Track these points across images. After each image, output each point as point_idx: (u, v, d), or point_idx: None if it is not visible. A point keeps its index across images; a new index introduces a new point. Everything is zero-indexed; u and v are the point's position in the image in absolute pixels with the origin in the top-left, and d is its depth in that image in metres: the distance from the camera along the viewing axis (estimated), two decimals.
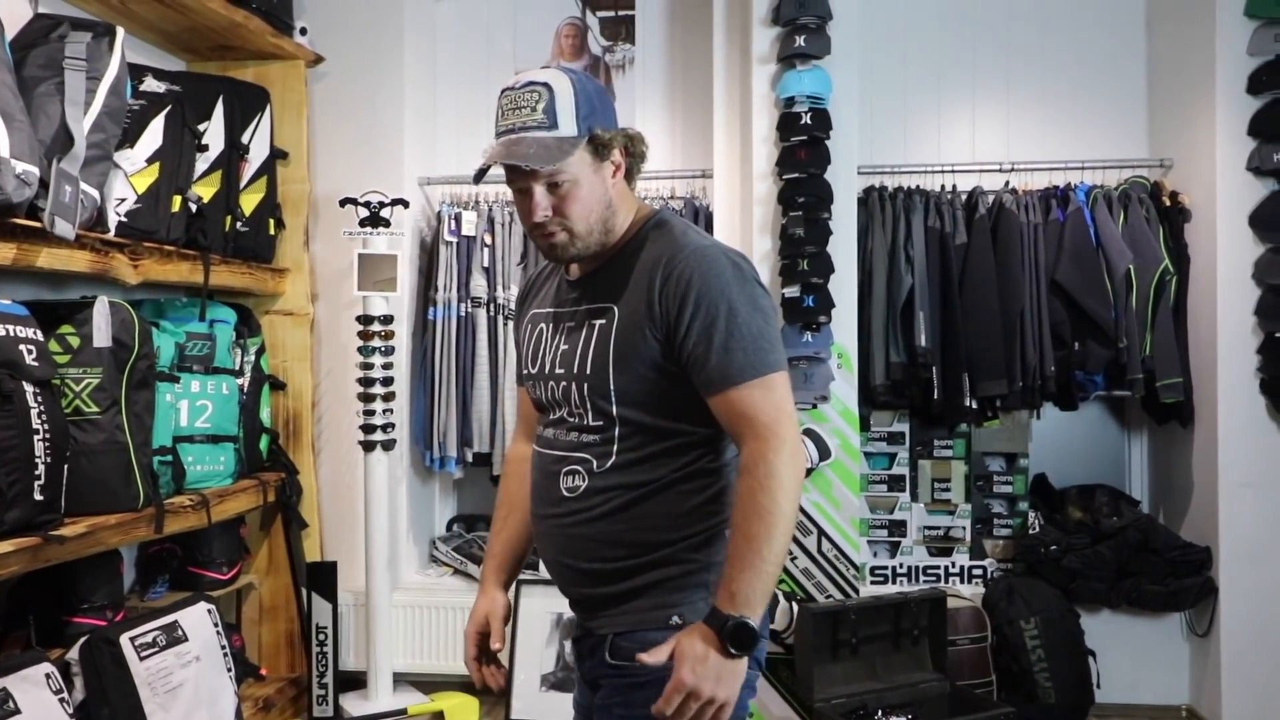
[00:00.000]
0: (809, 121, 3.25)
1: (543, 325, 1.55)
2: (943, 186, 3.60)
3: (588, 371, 1.43)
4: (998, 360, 3.40)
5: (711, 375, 1.36)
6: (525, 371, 1.57)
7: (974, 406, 3.46)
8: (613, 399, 1.42)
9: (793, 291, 3.23)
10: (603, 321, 1.44)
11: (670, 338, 1.38)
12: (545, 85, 1.40)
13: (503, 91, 1.43)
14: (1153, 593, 3.29)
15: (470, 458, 3.70)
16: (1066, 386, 3.47)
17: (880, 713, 2.91)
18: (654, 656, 1.29)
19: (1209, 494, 3.30)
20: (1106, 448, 3.86)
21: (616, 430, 1.43)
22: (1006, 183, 3.58)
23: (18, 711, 2.02)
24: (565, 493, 1.47)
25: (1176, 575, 3.28)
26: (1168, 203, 3.47)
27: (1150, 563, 3.31)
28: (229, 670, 2.67)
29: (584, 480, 1.45)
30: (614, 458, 1.43)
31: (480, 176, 1.46)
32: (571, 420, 1.48)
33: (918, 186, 3.59)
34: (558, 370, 1.48)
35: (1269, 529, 3.21)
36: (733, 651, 1.27)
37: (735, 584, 1.29)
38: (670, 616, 1.41)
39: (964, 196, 3.57)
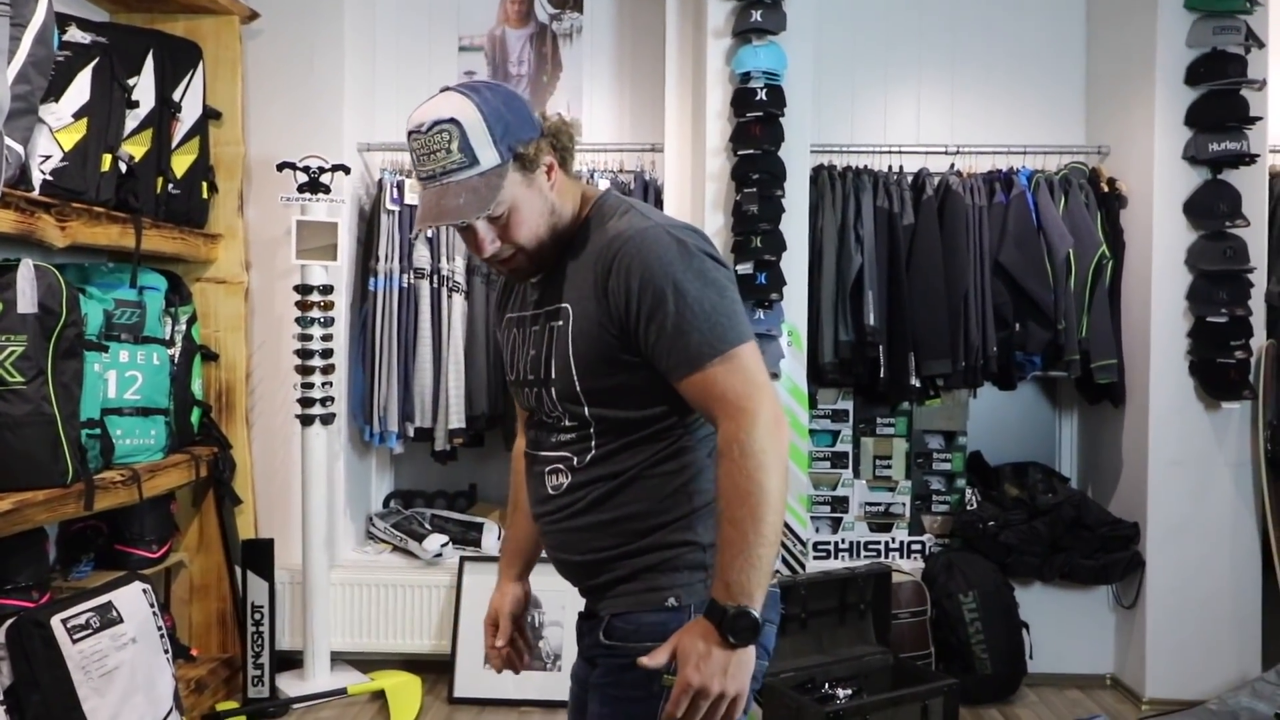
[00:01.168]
0: (764, 98, 3.23)
1: (514, 331, 1.52)
2: (890, 167, 3.63)
3: (553, 376, 1.40)
4: (943, 340, 3.46)
5: (672, 362, 1.31)
6: (509, 377, 1.55)
7: (918, 385, 3.51)
8: (582, 400, 1.39)
9: (746, 268, 3.23)
10: (559, 323, 1.40)
11: (625, 330, 1.34)
12: (452, 121, 1.33)
13: (410, 134, 1.36)
14: (1084, 567, 3.41)
15: (411, 433, 3.61)
16: (1006, 366, 3.55)
17: (828, 685, 2.94)
18: (653, 660, 1.26)
19: (1138, 472, 3.42)
20: (1038, 427, 3.97)
21: (592, 428, 1.40)
22: (951, 165, 3.63)
23: None
24: (551, 491, 1.46)
25: (1106, 550, 3.40)
26: (1105, 189, 3.56)
27: (1082, 538, 3.42)
28: (166, 652, 2.56)
29: (567, 477, 1.43)
30: (593, 452, 1.41)
31: (420, 233, 1.44)
32: (549, 422, 1.46)
33: (866, 166, 3.61)
34: (528, 376, 1.46)
35: (1194, 505, 3.35)
36: (734, 642, 1.24)
37: (728, 573, 1.25)
38: (666, 598, 1.38)
39: (911, 178, 3.61)
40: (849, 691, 2.92)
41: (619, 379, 1.37)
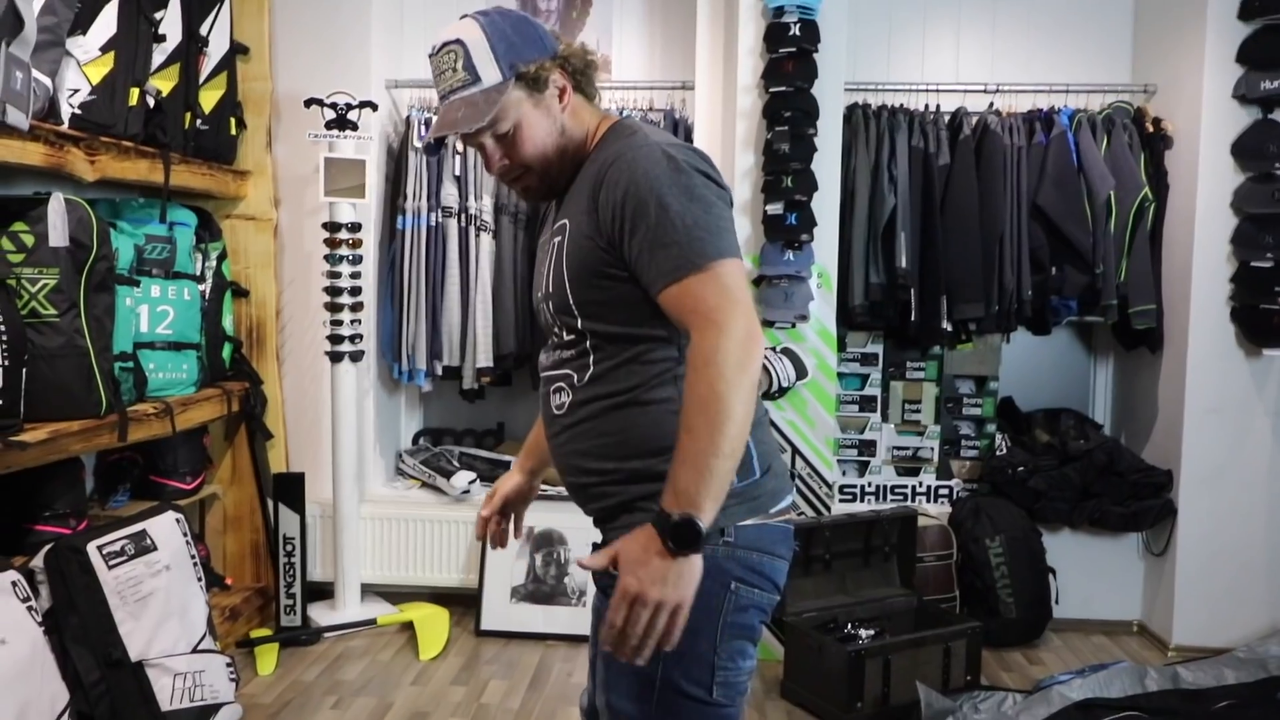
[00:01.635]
0: (798, 33, 3.14)
1: (540, 254, 1.53)
2: (926, 106, 3.54)
3: (551, 289, 1.42)
4: (976, 283, 3.40)
5: (651, 275, 1.30)
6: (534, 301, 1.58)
7: (949, 329, 3.47)
8: (575, 313, 1.39)
9: (776, 209, 3.18)
10: (559, 238, 1.42)
11: (613, 244, 1.34)
12: (457, 42, 1.40)
13: (429, 57, 1.45)
14: (1114, 514, 3.37)
15: (439, 371, 3.63)
16: (1041, 311, 3.49)
17: (850, 625, 2.96)
18: (591, 562, 1.25)
19: (1174, 419, 3.37)
20: (1072, 373, 3.91)
21: (588, 343, 1.40)
22: (991, 104, 3.54)
23: None
24: (555, 411, 1.46)
25: (1138, 497, 3.36)
26: (1150, 129, 3.45)
27: (1114, 485, 3.38)
28: (199, 579, 2.62)
29: (568, 396, 1.43)
30: (591, 369, 1.40)
31: (433, 149, 1.61)
32: (553, 340, 1.47)
33: (902, 105, 3.53)
34: (538, 293, 1.48)
35: (1230, 454, 3.29)
36: (675, 550, 1.19)
37: (677, 480, 1.22)
38: None
39: (947, 117, 3.52)
40: (871, 632, 2.93)
41: (610, 293, 1.37)
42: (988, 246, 3.40)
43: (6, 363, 2.23)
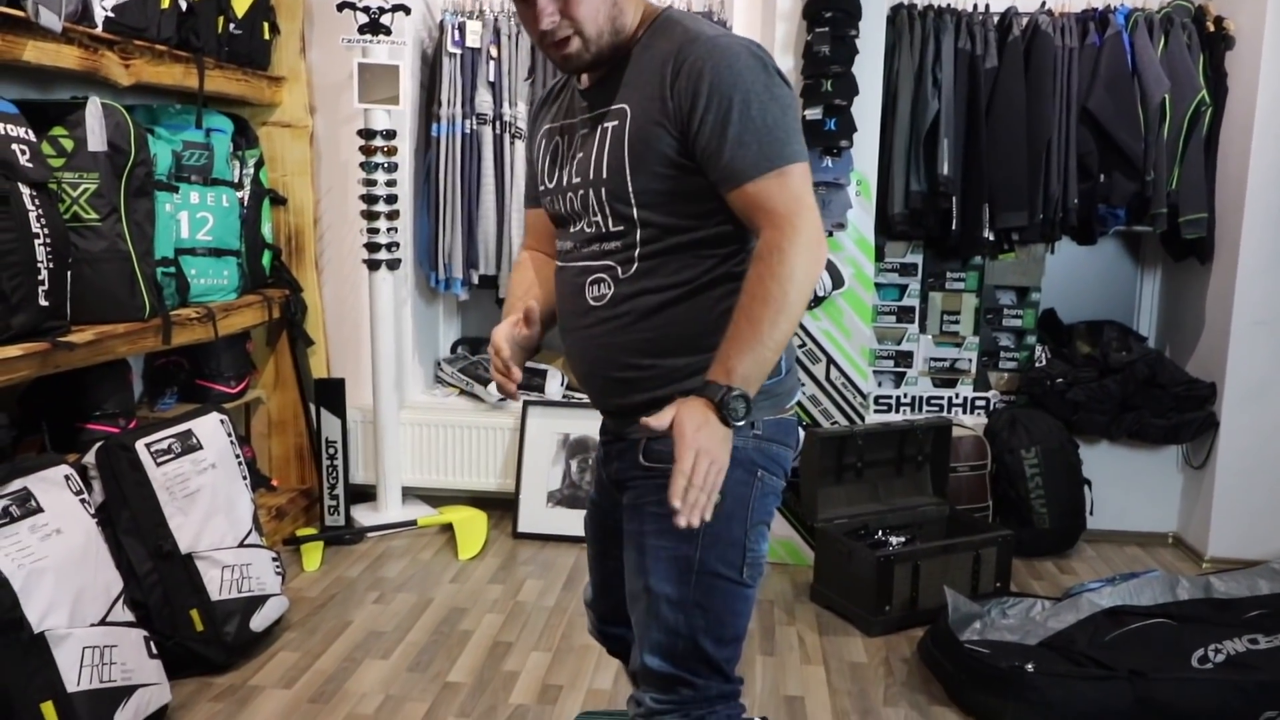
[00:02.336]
0: None
1: (558, 139, 1.49)
2: (975, 6, 3.40)
3: (604, 175, 1.38)
4: (1020, 191, 3.31)
5: (726, 170, 1.31)
6: (543, 187, 1.52)
7: (991, 238, 3.40)
8: (632, 201, 1.37)
9: (814, 114, 3.10)
10: (615, 124, 1.38)
11: (685, 133, 1.32)
12: None
13: None
14: (1154, 426, 3.34)
15: (476, 280, 3.65)
16: (1087, 220, 3.40)
17: (880, 532, 2.98)
18: (657, 420, 1.27)
19: (1220, 331, 3.29)
20: (1118, 284, 3.82)
21: (638, 234, 1.38)
22: (1042, 3, 3.39)
23: (40, 510, 2.04)
24: (592, 302, 1.43)
25: (1179, 410, 3.32)
26: (1211, 29, 3.29)
27: (1155, 397, 3.33)
28: (244, 478, 2.70)
29: (610, 288, 1.41)
30: (638, 263, 1.39)
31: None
32: (591, 230, 1.43)
33: (949, 5, 3.40)
34: (574, 179, 1.44)
35: (1276, 366, 3.22)
36: (726, 419, 1.25)
37: (732, 361, 1.26)
38: None
39: (996, 18, 3.39)
40: (902, 539, 2.95)
41: (670, 184, 1.35)
42: (1034, 153, 3.31)
43: (51, 265, 2.27)
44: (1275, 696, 2.27)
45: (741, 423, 1.26)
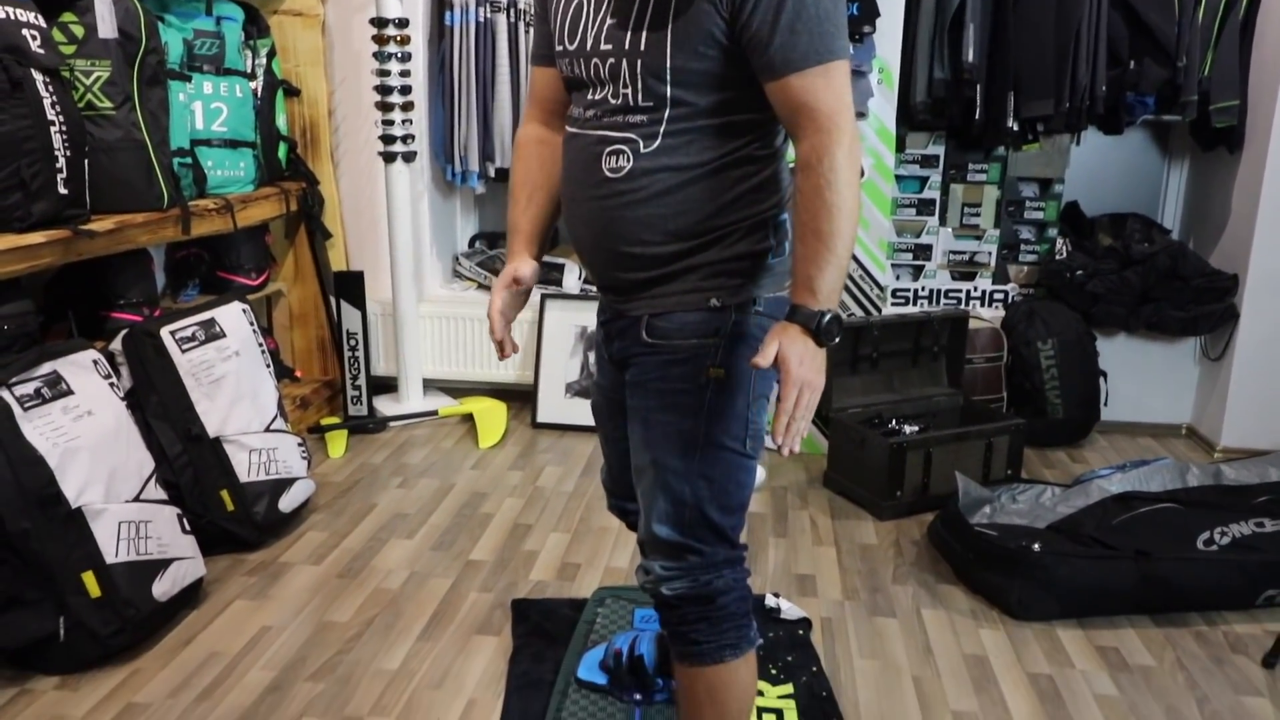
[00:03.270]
0: None
1: (595, 7, 1.41)
2: None
3: (640, 48, 1.33)
4: (1047, 78, 3.23)
5: (774, 59, 1.27)
6: (561, 48, 1.46)
7: (1015, 128, 3.33)
8: (667, 79, 1.33)
9: None
10: None
11: (735, 13, 1.28)
12: None
13: None
14: (1173, 318, 3.32)
15: (492, 173, 3.63)
16: (1115, 109, 3.32)
17: (894, 422, 3.02)
18: (763, 358, 1.28)
19: (1245, 222, 3.25)
20: (1143, 176, 3.76)
21: (667, 111, 1.35)
22: None
23: (71, 392, 2.10)
24: (608, 174, 1.40)
25: (1199, 302, 3.30)
26: None
27: (1175, 289, 3.31)
28: (268, 366, 2.75)
29: (629, 161, 1.38)
30: (660, 139, 1.36)
31: None
32: (617, 101, 1.39)
33: None
34: (603, 46, 1.38)
35: None
36: (822, 342, 1.29)
37: (816, 281, 1.28)
38: (708, 299, 1.40)
39: None
40: (915, 428, 2.99)
41: (710, 65, 1.32)
42: (1062, 39, 3.21)
43: (68, 153, 2.28)
44: (1277, 575, 2.32)
45: (837, 340, 1.30)
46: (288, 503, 2.60)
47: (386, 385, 3.66)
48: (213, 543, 2.46)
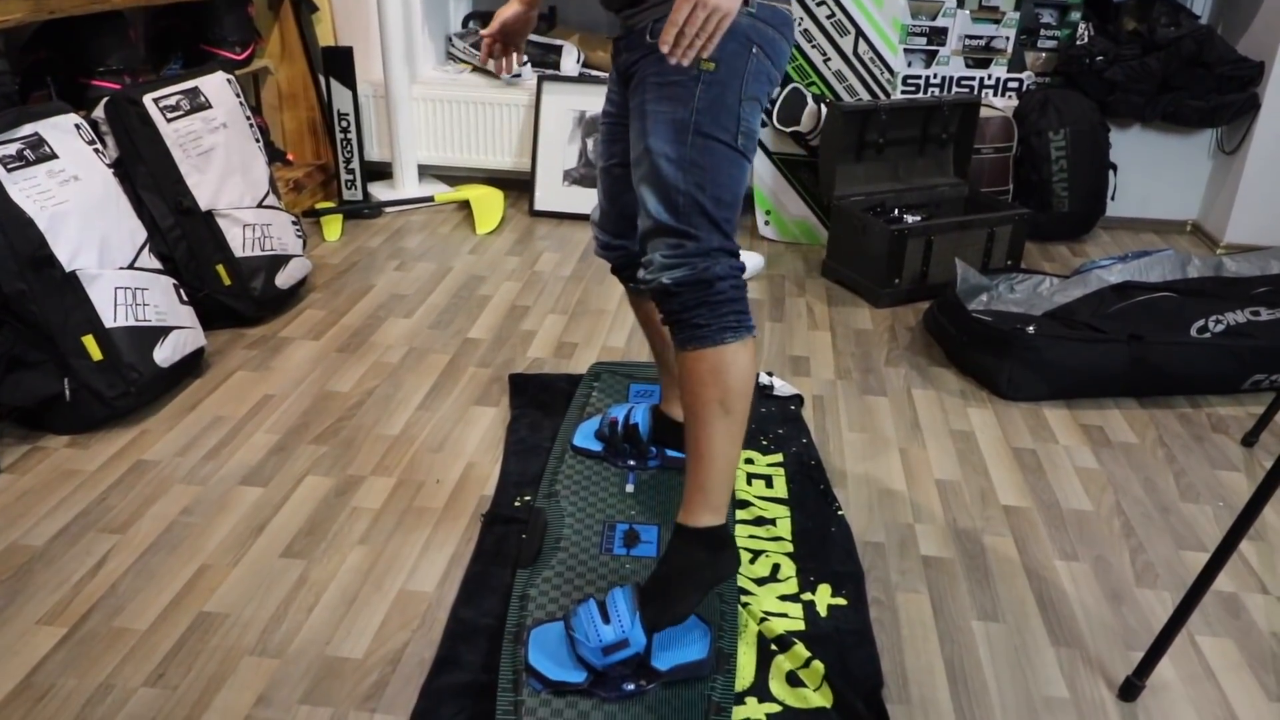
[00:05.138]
0: None
1: None
2: None
3: None
4: None
5: None
6: None
7: None
8: None
9: None
10: None
11: None
12: None
13: None
14: (1191, 108, 3.21)
15: None
16: None
17: (896, 210, 2.97)
18: None
19: (1277, 7, 3.08)
20: None
21: None
22: None
23: (55, 156, 2.05)
24: None
25: (1221, 91, 3.18)
26: None
27: (1197, 77, 3.18)
28: (257, 141, 2.68)
29: None
30: None
31: None
32: None
33: None
34: None
35: None
36: None
37: None
38: None
39: None
40: (918, 217, 2.95)
41: None
42: None
43: None
44: (1266, 360, 2.35)
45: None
46: (284, 279, 2.60)
47: (381, 173, 3.58)
48: (212, 317, 2.47)
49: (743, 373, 1.47)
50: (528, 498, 1.88)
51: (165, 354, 2.13)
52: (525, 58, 1.81)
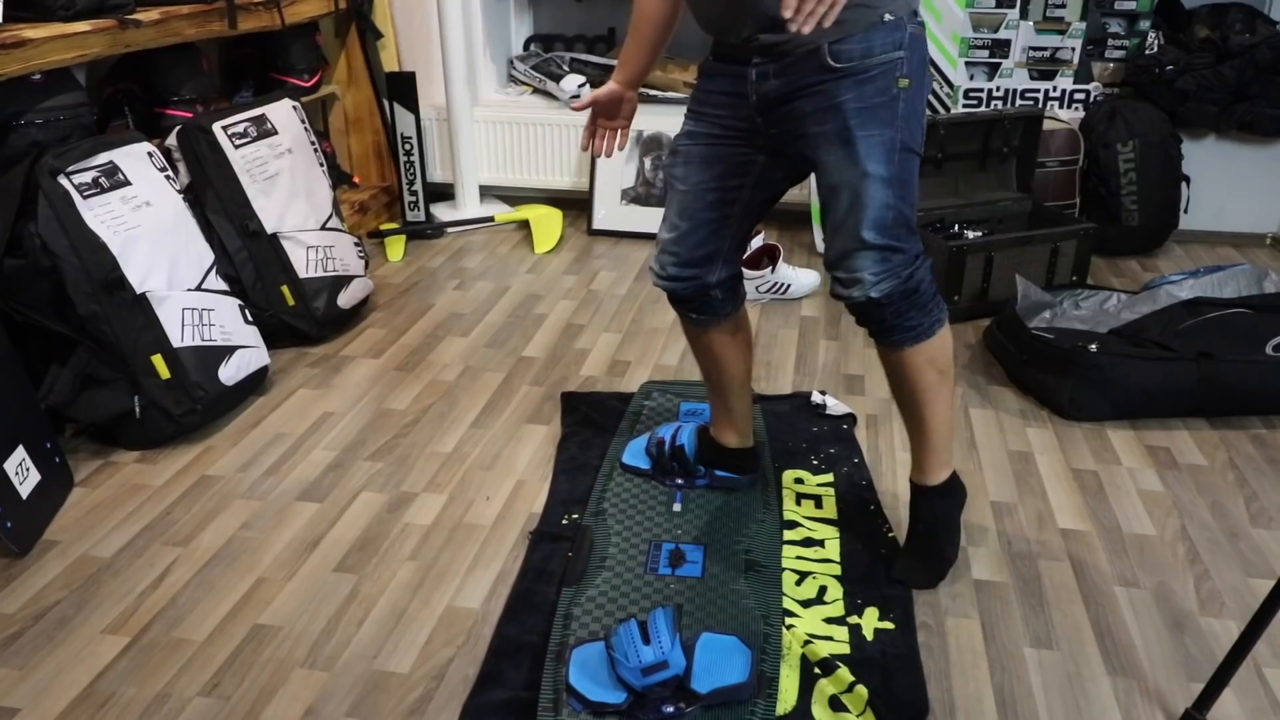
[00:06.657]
0: None
1: None
2: None
3: None
4: None
5: None
6: None
7: None
8: None
9: None
10: None
11: None
12: None
13: None
14: (1268, 116, 3.10)
15: None
16: None
17: (957, 226, 2.93)
18: None
19: None
20: None
21: None
22: None
23: (129, 183, 2.14)
24: None
25: None
26: None
27: (1275, 84, 3.07)
28: (321, 165, 2.76)
29: None
30: None
31: None
32: None
33: None
34: None
35: None
36: None
37: None
38: (881, 14, 1.42)
39: None
40: (979, 233, 2.89)
41: None
42: None
43: None
44: None
45: None
46: (346, 299, 2.66)
47: (444, 194, 3.66)
48: (276, 336, 2.55)
49: (949, 345, 1.61)
50: (575, 515, 1.90)
51: (230, 372, 2.21)
52: (628, 138, 1.84)
